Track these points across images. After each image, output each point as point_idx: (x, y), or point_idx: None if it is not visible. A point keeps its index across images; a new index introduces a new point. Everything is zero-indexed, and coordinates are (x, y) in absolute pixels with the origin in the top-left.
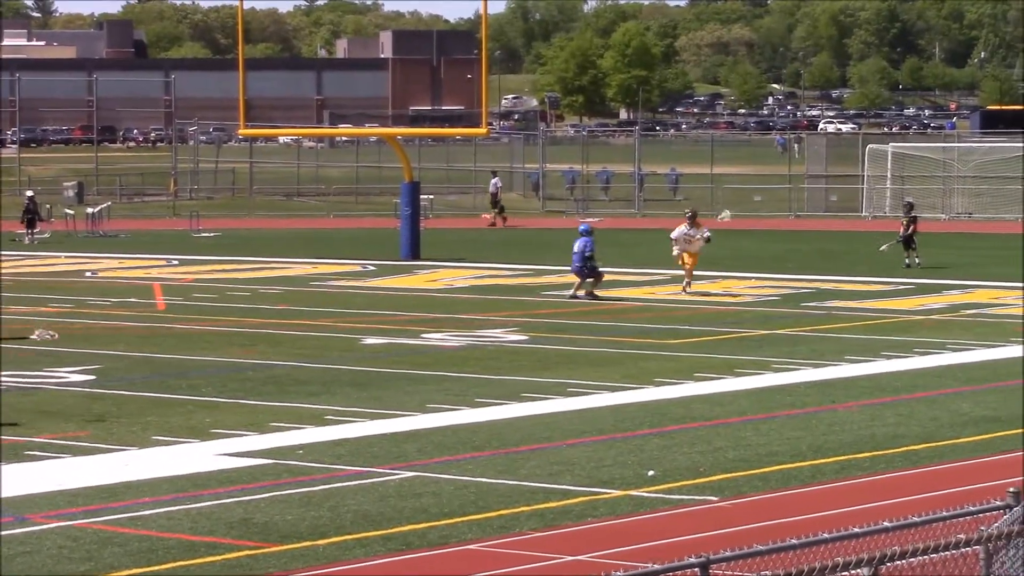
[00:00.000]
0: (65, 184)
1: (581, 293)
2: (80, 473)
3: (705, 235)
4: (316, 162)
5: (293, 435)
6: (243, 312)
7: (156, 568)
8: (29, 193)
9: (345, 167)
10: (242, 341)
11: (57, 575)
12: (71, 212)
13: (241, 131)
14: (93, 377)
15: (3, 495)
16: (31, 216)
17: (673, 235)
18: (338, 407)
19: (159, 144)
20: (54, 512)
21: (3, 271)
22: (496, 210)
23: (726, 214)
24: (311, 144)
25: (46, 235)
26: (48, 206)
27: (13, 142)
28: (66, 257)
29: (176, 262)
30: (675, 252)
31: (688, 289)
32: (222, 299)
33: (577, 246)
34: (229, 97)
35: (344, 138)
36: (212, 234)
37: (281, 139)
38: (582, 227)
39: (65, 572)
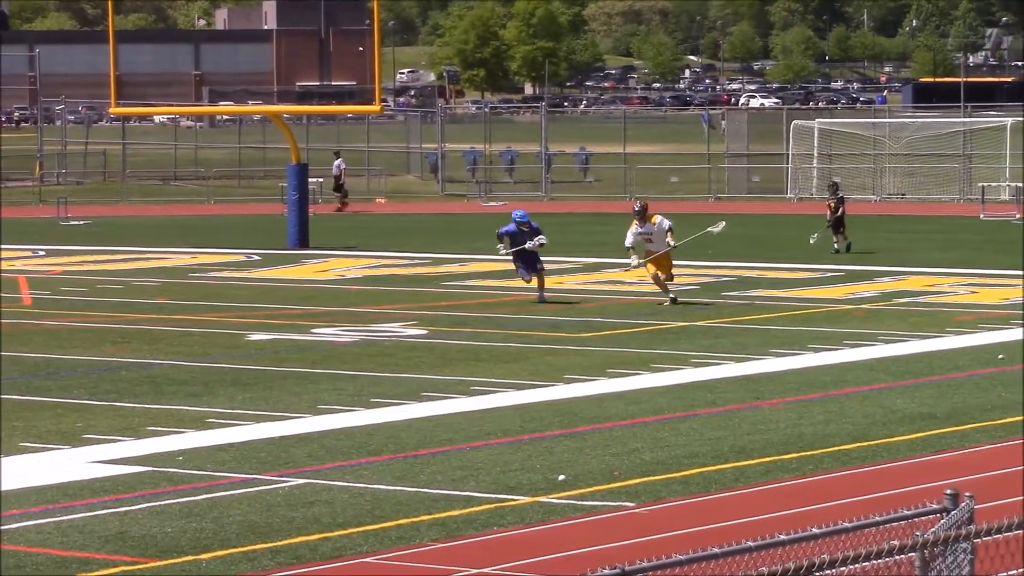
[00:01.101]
0: None
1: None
2: None
3: (666, 227)
4: (195, 143)
5: (172, 440)
6: (116, 307)
7: None
8: None
9: (227, 148)
10: (115, 338)
11: None
12: None
13: (112, 109)
14: None
15: None
16: None
17: (627, 242)
18: (221, 409)
19: (23, 124)
20: None
21: None
22: (339, 194)
23: (721, 225)
24: (189, 123)
25: None
26: None
27: None
28: None
29: (43, 253)
30: (634, 263)
31: (668, 298)
32: (93, 292)
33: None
34: (99, 73)
35: (225, 116)
36: (82, 222)
37: (156, 118)
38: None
39: None
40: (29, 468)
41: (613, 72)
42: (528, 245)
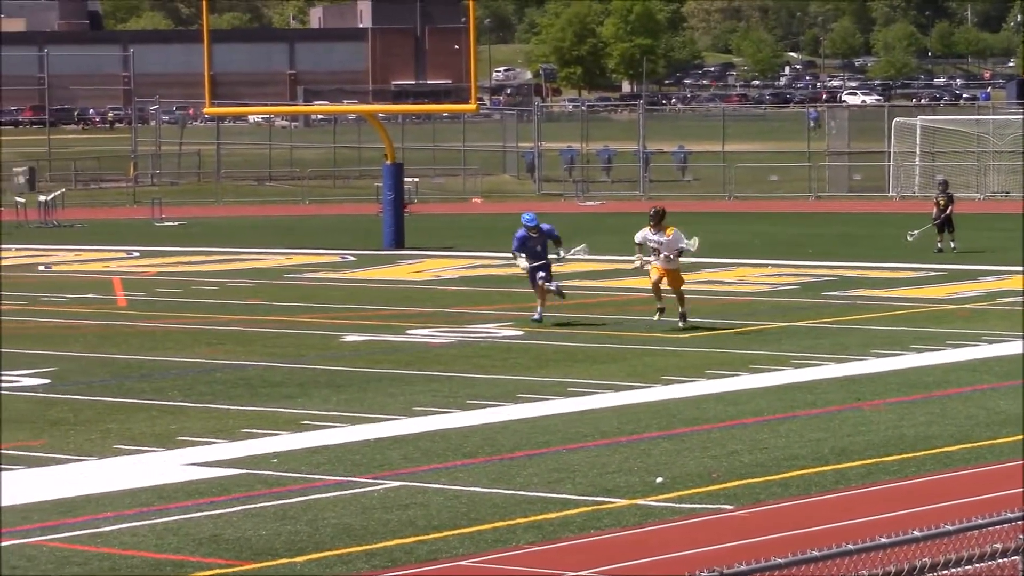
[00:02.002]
0: (15, 169)
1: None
2: (35, 486)
3: (682, 245)
4: (289, 143)
5: (267, 442)
6: (210, 308)
7: None
8: None
9: (321, 148)
10: (209, 340)
11: None
12: (22, 200)
13: (207, 110)
14: (48, 380)
15: None
16: None
17: (636, 238)
18: (315, 411)
19: (117, 125)
20: (6, 530)
21: None
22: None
23: (694, 242)
24: (284, 123)
25: None
26: None
27: None
28: (17, 249)
29: (137, 254)
30: (635, 263)
31: (660, 318)
32: (187, 294)
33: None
34: (194, 72)
35: (320, 116)
36: (176, 223)
37: (251, 118)
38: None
39: None
40: (123, 470)
41: (712, 69)
42: (570, 255)
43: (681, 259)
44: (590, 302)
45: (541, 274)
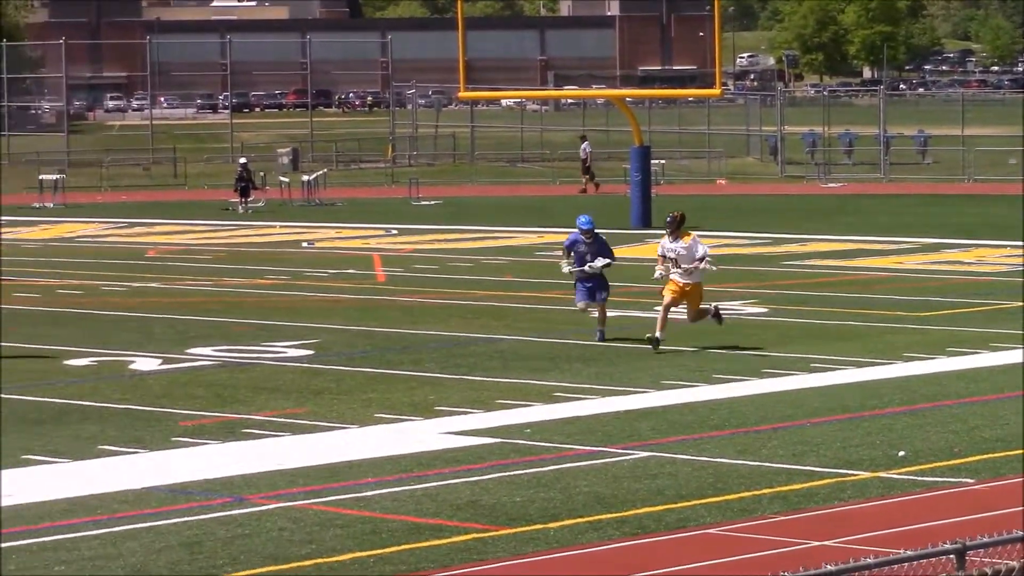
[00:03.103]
0: (279, 151)
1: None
2: (300, 452)
3: (700, 255)
4: (540, 126)
5: (520, 413)
6: (465, 284)
7: (380, 551)
8: (242, 160)
9: (571, 131)
10: (464, 314)
11: (278, 558)
12: (286, 180)
13: (462, 94)
14: (311, 352)
15: (201, 476)
16: (244, 184)
17: (659, 250)
18: (567, 383)
19: (376, 108)
20: (273, 493)
21: (217, 240)
22: (588, 176)
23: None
24: (535, 107)
25: (260, 204)
26: (262, 174)
27: (225, 107)
28: (281, 227)
29: (395, 232)
30: (657, 273)
31: (655, 337)
32: (443, 270)
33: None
34: (449, 58)
35: (570, 100)
36: (432, 202)
37: (503, 102)
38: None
39: (286, 555)
40: (384, 438)
41: (951, 55)
42: (588, 267)
43: (703, 268)
44: (833, 280)
45: (596, 294)
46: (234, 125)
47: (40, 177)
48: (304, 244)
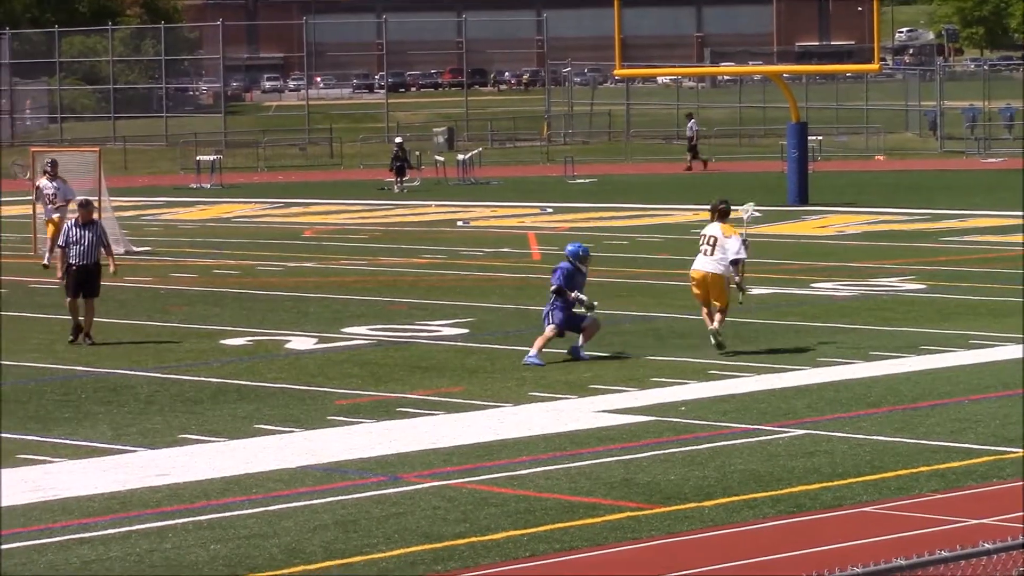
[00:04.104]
0: (435, 130)
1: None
2: (454, 430)
3: (734, 251)
4: (696, 103)
5: (675, 391)
6: (621, 262)
7: (533, 530)
8: (398, 140)
9: (727, 107)
10: (620, 292)
11: (432, 536)
12: (441, 159)
13: (617, 71)
14: (467, 331)
15: (358, 455)
16: (400, 164)
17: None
18: (721, 361)
19: (531, 87)
20: (428, 471)
21: (373, 220)
22: (692, 154)
23: (749, 208)
24: (691, 84)
25: (416, 183)
26: (417, 153)
27: (381, 87)
28: (436, 206)
29: (550, 210)
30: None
31: (717, 334)
32: (599, 248)
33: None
34: (604, 36)
35: (726, 77)
36: (587, 180)
37: (659, 79)
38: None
39: (440, 533)
40: (539, 417)
41: None
42: (579, 310)
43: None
44: (992, 256)
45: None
46: (390, 105)
47: (197, 158)
48: (459, 223)
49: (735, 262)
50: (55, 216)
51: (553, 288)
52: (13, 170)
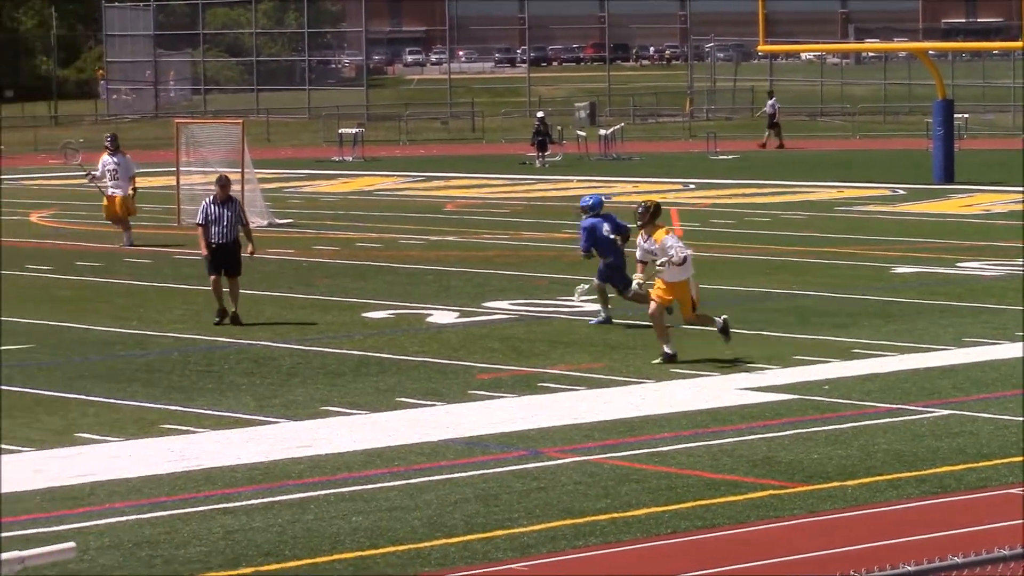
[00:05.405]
0: (577, 105)
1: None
2: (595, 406)
3: (674, 256)
4: (840, 79)
5: (818, 369)
6: (764, 239)
7: (676, 507)
8: (540, 114)
9: (872, 84)
10: (763, 269)
11: (573, 511)
12: (583, 134)
13: (761, 47)
14: (609, 306)
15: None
16: (542, 138)
17: (637, 254)
18: (865, 340)
19: (674, 62)
20: (569, 447)
21: (514, 194)
22: (771, 131)
23: (582, 289)
24: (835, 60)
25: (557, 158)
26: (559, 128)
27: (523, 61)
28: (578, 181)
29: (692, 186)
30: (634, 284)
31: (663, 352)
32: (741, 225)
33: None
34: (747, 11)
35: (871, 54)
36: (730, 156)
37: (803, 55)
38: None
39: (581, 508)
40: (680, 394)
41: None
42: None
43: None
44: None
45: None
46: (532, 79)
47: (340, 131)
48: (602, 198)
49: (684, 261)
50: (117, 193)
51: (584, 255)
52: (65, 151)
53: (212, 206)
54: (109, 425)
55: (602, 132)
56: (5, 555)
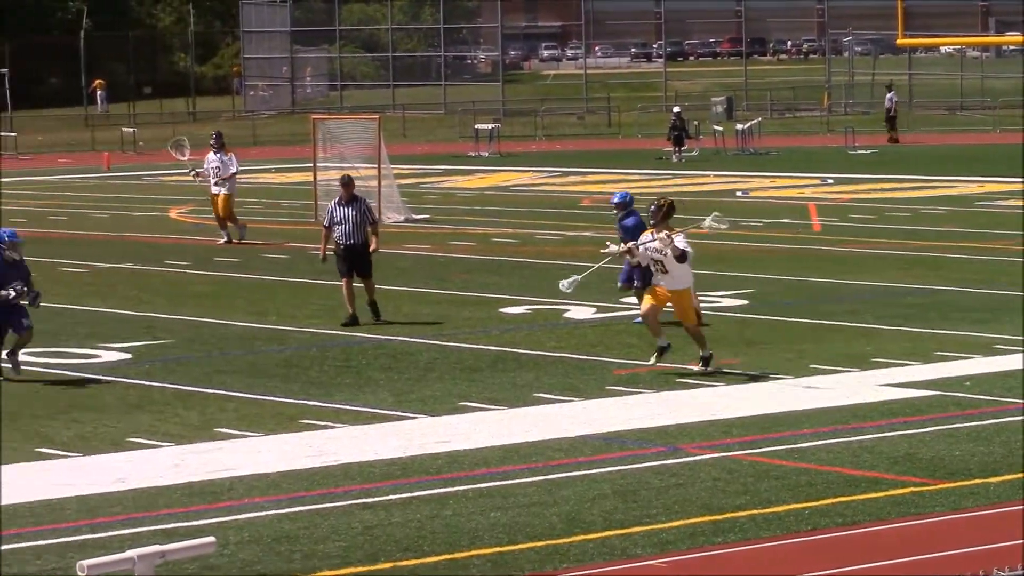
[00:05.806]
0: (713, 99)
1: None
2: (733, 402)
3: (675, 245)
4: (981, 73)
5: (959, 365)
6: (903, 234)
7: (815, 503)
8: (676, 109)
9: (1013, 78)
10: (902, 264)
11: (712, 508)
12: (720, 129)
13: (900, 41)
14: (746, 302)
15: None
16: (678, 133)
17: (639, 249)
18: (1007, 336)
19: (811, 56)
20: (708, 443)
21: (652, 189)
22: (886, 124)
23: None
24: (975, 54)
25: (694, 153)
26: (696, 123)
27: (659, 56)
28: (715, 176)
29: (831, 181)
30: (611, 248)
31: (656, 351)
32: (880, 220)
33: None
34: (886, 5)
35: (1012, 47)
36: (869, 151)
37: (943, 49)
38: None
39: (720, 505)
40: (819, 390)
41: None
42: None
43: (686, 269)
44: None
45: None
46: (668, 74)
47: (476, 126)
48: (738, 193)
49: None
50: (222, 192)
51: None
52: (176, 148)
53: (337, 207)
54: (248, 420)
55: (739, 127)
56: (146, 550)
